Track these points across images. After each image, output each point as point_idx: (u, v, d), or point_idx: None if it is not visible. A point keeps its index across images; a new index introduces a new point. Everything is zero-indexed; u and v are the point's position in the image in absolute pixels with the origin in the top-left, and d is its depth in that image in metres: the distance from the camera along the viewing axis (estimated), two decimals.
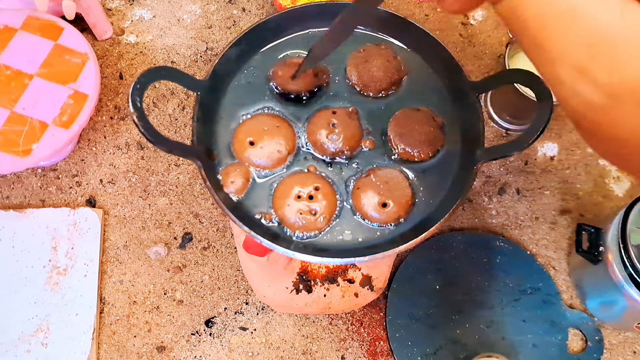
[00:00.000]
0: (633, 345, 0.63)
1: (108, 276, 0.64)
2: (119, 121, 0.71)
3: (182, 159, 0.69)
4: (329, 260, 0.45)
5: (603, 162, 0.71)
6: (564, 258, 0.66)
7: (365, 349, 0.62)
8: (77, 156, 0.69)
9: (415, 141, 0.49)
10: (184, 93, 0.73)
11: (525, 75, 0.46)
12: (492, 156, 0.47)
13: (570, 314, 0.63)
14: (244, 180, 0.48)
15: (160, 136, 0.43)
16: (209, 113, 0.50)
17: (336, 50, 0.53)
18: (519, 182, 0.69)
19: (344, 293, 0.59)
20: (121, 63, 0.74)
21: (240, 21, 0.77)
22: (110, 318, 0.62)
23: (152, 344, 0.62)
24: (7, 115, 0.61)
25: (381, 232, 0.47)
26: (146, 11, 0.77)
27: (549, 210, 0.68)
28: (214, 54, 0.75)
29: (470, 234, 0.67)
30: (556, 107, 0.44)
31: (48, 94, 0.62)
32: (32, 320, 0.61)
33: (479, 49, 0.76)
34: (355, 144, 0.50)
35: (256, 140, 0.49)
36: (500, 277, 0.64)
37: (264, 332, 0.63)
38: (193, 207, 0.67)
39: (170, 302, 0.64)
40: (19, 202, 0.67)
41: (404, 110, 0.51)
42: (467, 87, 0.50)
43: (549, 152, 0.71)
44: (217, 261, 0.65)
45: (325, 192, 0.48)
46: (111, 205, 0.67)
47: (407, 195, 0.48)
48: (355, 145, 0.50)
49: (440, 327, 0.62)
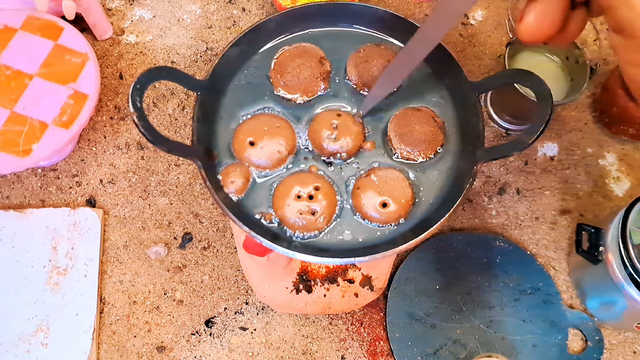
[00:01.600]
0: (633, 345, 0.63)
1: (108, 276, 0.64)
2: (119, 121, 0.71)
3: (182, 159, 0.69)
4: (329, 260, 0.45)
5: (603, 162, 0.71)
6: (564, 258, 0.66)
7: (365, 349, 0.62)
8: (77, 156, 0.69)
9: (415, 141, 0.49)
10: (184, 93, 0.73)
11: (525, 75, 0.46)
12: (492, 156, 0.47)
13: (570, 314, 0.63)
14: (244, 180, 0.48)
15: (160, 136, 0.43)
16: (209, 113, 0.50)
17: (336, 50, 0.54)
18: (519, 182, 0.69)
19: (344, 293, 0.59)
20: (121, 63, 0.74)
21: (240, 21, 0.77)
22: (110, 318, 0.62)
23: (152, 344, 0.62)
24: (7, 115, 0.61)
25: (381, 232, 0.47)
26: (146, 11, 0.77)
27: (549, 210, 0.68)
28: (214, 54, 0.75)
29: (470, 234, 0.67)
30: (556, 107, 0.44)
31: (48, 94, 0.62)
32: (32, 320, 0.61)
33: (479, 49, 0.76)
34: (356, 147, 0.50)
35: (256, 140, 0.49)
36: (500, 277, 0.64)
37: (264, 332, 0.63)
38: (193, 207, 0.67)
39: (170, 302, 0.64)
40: (19, 202, 0.67)
41: (404, 110, 0.51)
42: (467, 87, 0.50)
43: (549, 152, 0.71)
44: (217, 261, 0.65)
45: (326, 192, 0.48)
46: (111, 205, 0.67)
47: (407, 195, 0.48)
48: (356, 149, 0.50)
49: (440, 327, 0.62)
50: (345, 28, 0.55)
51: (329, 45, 0.54)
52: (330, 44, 0.54)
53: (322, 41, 0.54)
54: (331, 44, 0.54)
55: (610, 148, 0.71)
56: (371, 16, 0.53)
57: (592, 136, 0.72)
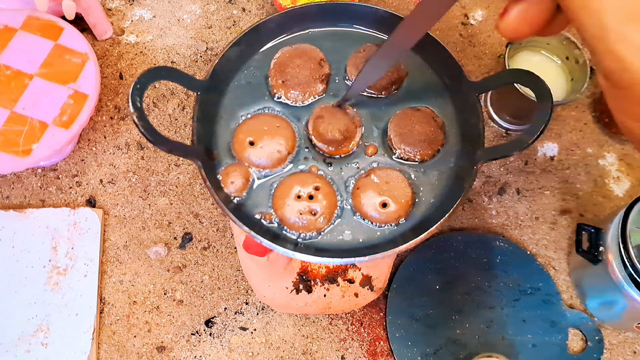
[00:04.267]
0: (633, 345, 0.63)
1: (108, 276, 0.64)
2: (119, 121, 0.71)
3: (182, 159, 0.69)
4: (329, 260, 0.45)
5: (603, 162, 0.71)
6: (564, 258, 0.66)
7: (365, 349, 0.62)
8: (77, 156, 0.69)
9: (415, 141, 0.49)
10: (184, 93, 0.73)
11: (525, 75, 0.46)
12: (492, 156, 0.47)
13: (570, 314, 0.63)
14: (244, 180, 0.48)
15: (160, 136, 0.43)
16: (209, 113, 0.50)
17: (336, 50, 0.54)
18: (519, 182, 0.69)
19: (344, 293, 0.59)
20: (121, 63, 0.74)
21: (240, 21, 0.77)
22: (110, 318, 0.62)
23: (152, 344, 0.62)
24: (7, 115, 0.61)
25: (381, 232, 0.47)
26: (146, 11, 0.77)
27: (549, 210, 0.68)
28: (214, 54, 0.75)
29: (470, 234, 0.67)
30: (556, 107, 0.44)
31: (48, 94, 0.62)
32: (32, 320, 0.61)
33: (479, 49, 0.76)
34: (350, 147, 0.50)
35: (256, 140, 0.49)
36: (500, 277, 0.64)
37: (264, 332, 0.63)
38: (193, 207, 0.67)
39: (170, 302, 0.64)
40: (19, 202, 0.67)
41: (404, 110, 0.51)
42: (467, 87, 0.50)
43: (549, 152, 0.71)
44: (217, 261, 0.65)
45: (326, 192, 0.48)
46: (111, 205, 0.67)
47: (407, 195, 0.48)
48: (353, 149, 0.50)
49: (440, 327, 0.62)
50: (345, 28, 0.55)
51: (329, 45, 0.54)
52: (331, 44, 0.54)
53: (322, 41, 0.54)
54: (331, 44, 0.54)
55: (610, 148, 0.71)
56: (371, 16, 0.54)
57: (592, 136, 0.72)
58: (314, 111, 0.51)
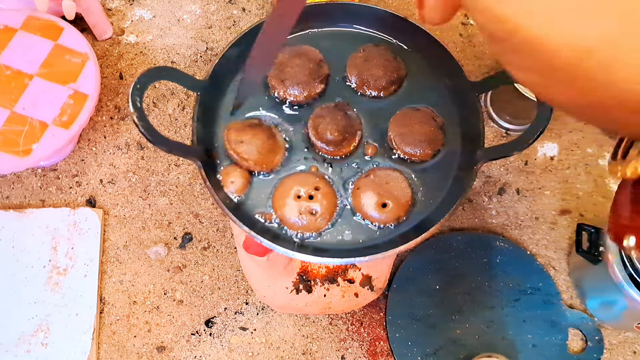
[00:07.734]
0: (633, 345, 0.63)
1: (108, 276, 0.64)
2: (119, 121, 0.71)
3: (182, 159, 0.69)
4: (329, 261, 0.45)
5: (603, 162, 0.71)
6: (564, 258, 0.66)
7: (365, 349, 0.62)
8: (77, 156, 0.69)
9: (415, 141, 0.49)
10: (184, 93, 0.73)
11: None
12: (492, 156, 0.47)
13: (570, 314, 0.63)
14: (244, 180, 0.48)
15: (160, 136, 0.43)
16: (209, 113, 0.50)
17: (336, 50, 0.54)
18: (519, 182, 0.69)
19: (344, 293, 0.59)
20: (121, 63, 0.74)
21: (240, 21, 0.77)
22: (110, 318, 0.62)
23: (152, 344, 0.62)
24: (7, 115, 0.61)
25: (381, 232, 0.47)
26: (146, 11, 0.77)
27: (549, 210, 0.68)
28: (214, 54, 0.75)
29: (470, 234, 0.67)
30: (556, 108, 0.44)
31: (48, 94, 0.62)
32: (32, 320, 0.61)
33: (479, 49, 0.76)
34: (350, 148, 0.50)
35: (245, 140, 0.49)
36: (500, 277, 0.64)
37: (264, 332, 0.63)
38: (193, 207, 0.67)
39: (170, 302, 0.64)
40: (19, 202, 0.67)
41: (404, 110, 0.51)
42: (467, 87, 0.50)
43: (549, 152, 0.71)
44: (217, 261, 0.65)
45: (325, 192, 0.48)
46: (111, 205, 0.67)
47: (407, 195, 0.48)
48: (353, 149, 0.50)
49: (440, 327, 0.62)
50: (345, 28, 0.55)
51: (329, 45, 0.54)
52: (330, 44, 0.54)
53: (322, 41, 0.54)
54: (331, 44, 0.54)
55: (610, 148, 0.71)
56: (371, 16, 0.53)
57: (592, 136, 0.72)
58: (313, 111, 0.51)
